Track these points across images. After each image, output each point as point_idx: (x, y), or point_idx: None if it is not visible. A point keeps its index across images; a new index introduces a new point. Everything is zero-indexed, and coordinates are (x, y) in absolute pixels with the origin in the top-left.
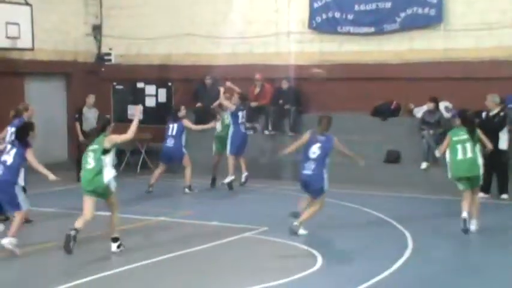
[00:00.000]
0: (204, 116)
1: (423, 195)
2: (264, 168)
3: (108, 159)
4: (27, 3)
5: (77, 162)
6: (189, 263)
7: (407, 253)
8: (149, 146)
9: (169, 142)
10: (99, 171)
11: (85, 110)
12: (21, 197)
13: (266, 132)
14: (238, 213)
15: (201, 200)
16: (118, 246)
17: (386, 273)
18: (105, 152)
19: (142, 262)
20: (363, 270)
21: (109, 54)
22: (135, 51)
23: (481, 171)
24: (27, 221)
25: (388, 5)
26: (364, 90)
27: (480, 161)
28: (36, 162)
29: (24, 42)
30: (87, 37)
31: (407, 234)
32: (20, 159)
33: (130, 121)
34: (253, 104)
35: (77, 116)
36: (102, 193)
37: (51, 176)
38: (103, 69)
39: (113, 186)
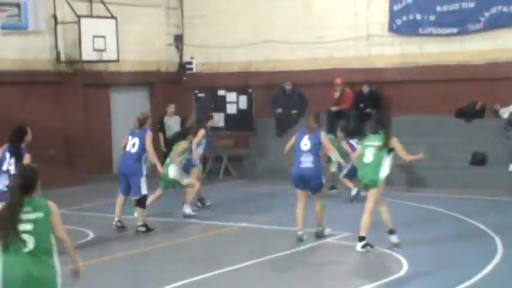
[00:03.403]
0: (285, 121)
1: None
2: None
3: (389, 159)
4: (112, 17)
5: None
6: (272, 269)
7: (497, 258)
8: (231, 152)
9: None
10: (376, 166)
11: (166, 119)
12: None
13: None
14: None
15: (280, 205)
16: (363, 246)
17: (475, 278)
18: (390, 150)
19: (228, 268)
20: (451, 275)
21: (190, 63)
22: (216, 59)
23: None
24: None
25: (472, 4)
26: (447, 92)
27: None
28: None
29: (110, 54)
30: (169, 47)
31: (496, 239)
32: None
33: (212, 129)
34: (334, 108)
35: (159, 125)
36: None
37: None
38: (185, 78)
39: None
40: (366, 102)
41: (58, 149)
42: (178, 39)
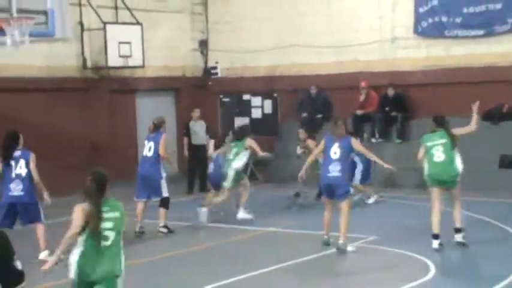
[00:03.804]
0: (310, 126)
1: None
2: (372, 177)
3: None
4: (137, 23)
5: (188, 175)
6: (299, 273)
7: None
8: (256, 157)
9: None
10: (451, 162)
11: (191, 123)
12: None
13: (373, 140)
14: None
15: (306, 209)
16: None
17: (504, 282)
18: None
19: (255, 272)
20: (479, 279)
21: (215, 68)
22: (241, 64)
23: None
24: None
25: (499, 5)
26: (474, 94)
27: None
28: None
29: (135, 60)
30: (194, 52)
31: None
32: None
33: None
34: (359, 112)
35: (184, 130)
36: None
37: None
38: (210, 83)
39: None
40: (391, 106)
41: (84, 154)
42: (203, 45)
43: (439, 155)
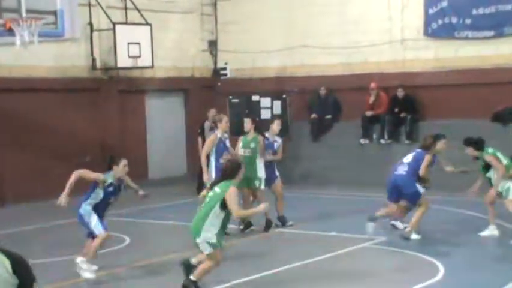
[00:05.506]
0: (319, 126)
1: None
2: (381, 178)
3: None
4: (147, 23)
5: (198, 176)
6: (307, 274)
7: None
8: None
9: None
10: None
11: (207, 124)
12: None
13: (382, 141)
14: (356, 223)
15: (315, 210)
16: None
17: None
18: None
19: (263, 273)
20: (488, 280)
21: (225, 68)
22: (250, 65)
23: None
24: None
25: (509, 7)
26: (483, 96)
27: None
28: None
29: (145, 60)
30: (203, 53)
31: None
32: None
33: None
34: (369, 113)
35: (199, 130)
36: None
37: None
38: (219, 84)
39: None
40: (401, 107)
41: (94, 154)
42: (213, 45)
43: None
